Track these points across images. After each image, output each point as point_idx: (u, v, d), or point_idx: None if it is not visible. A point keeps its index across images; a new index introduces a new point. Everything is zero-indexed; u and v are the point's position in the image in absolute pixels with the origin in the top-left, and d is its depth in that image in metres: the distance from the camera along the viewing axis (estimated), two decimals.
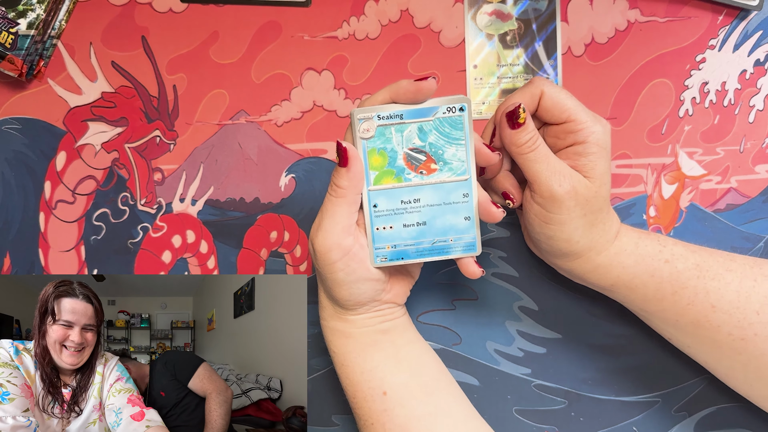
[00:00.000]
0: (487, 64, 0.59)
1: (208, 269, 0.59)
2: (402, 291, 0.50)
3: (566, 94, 0.46)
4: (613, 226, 0.47)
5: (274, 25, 0.60)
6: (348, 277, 0.45)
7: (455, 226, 0.47)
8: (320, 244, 0.44)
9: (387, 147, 0.45)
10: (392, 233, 0.47)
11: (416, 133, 0.45)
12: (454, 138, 0.46)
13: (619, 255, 0.47)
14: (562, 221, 0.45)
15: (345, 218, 0.44)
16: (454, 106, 0.45)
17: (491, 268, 0.58)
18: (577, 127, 0.45)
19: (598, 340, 0.58)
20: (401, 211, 0.47)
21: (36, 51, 0.58)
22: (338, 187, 0.44)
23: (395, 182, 0.46)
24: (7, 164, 0.60)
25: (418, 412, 0.47)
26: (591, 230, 0.46)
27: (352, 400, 0.49)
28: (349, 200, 0.44)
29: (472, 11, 0.59)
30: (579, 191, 0.44)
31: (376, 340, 0.49)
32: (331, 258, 0.45)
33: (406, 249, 0.47)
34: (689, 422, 0.57)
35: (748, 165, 0.58)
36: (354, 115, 0.44)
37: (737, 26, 0.59)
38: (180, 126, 0.60)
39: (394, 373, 0.48)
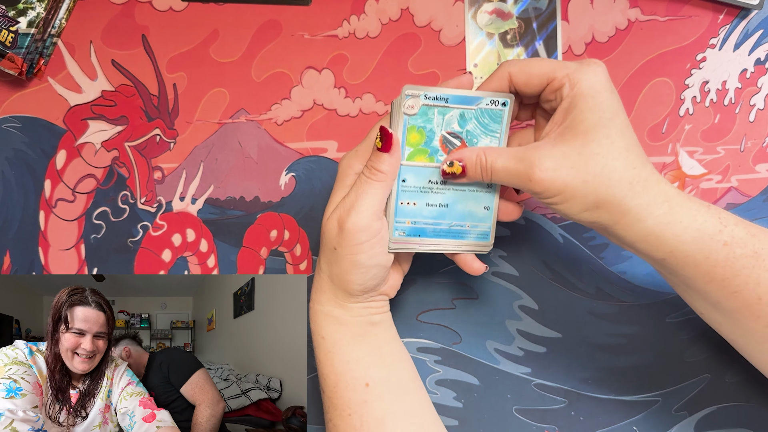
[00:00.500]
0: (487, 63, 0.59)
1: (208, 268, 0.59)
2: (395, 283, 0.51)
3: (535, 61, 0.45)
4: (651, 187, 0.43)
5: (274, 23, 0.60)
6: (369, 261, 0.46)
7: (474, 213, 0.49)
8: (354, 223, 0.44)
9: (426, 126, 0.47)
10: (414, 210, 0.49)
11: (457, 118, 0.47)
12: (491, 130, 0.48)
13: (673, 226, 0.43)
14: (560, 210, 0.44)
15: (379, 202, 0.45)
16: (497, 99, 0.47)
17: (492, 267, 0.58)
18: (557, 84, 0.44)
19: (598, 339, 0.58)
20: (426, 190, 0.49)
21: (36, 49, 0.58)
22: (378, 171, 0.45)
23: (427, 161, 0.48)
24: (7, 163, 0.60)
25: (395, 408, 0.48)
26: (601, 208, 0.43)
27: (333, 389, 0.48)
28: (386, 184, 0.45)
29: (473, 10, 0.59)
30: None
31: (366, 332, 0.49)
32: (360, 238, 0.45)
33: (425, 227, 0.49)
34: (689, 422, 0.57)
35: (749, 164, 0.58)
36: (404, 90, 0.46)
37: (738, 25, 0.59)
38: (180, 125, 0.60)
39: (377, 367, 0.48)
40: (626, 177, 0.42)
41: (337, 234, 0.46)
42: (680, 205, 0.43)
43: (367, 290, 0.48)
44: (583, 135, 0.42)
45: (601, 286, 0.58)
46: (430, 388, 0.58)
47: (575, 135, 0.43)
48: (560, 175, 0.42)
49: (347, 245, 0.45)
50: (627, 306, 0.57)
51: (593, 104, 0.42)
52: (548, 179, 0.43)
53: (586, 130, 0.42)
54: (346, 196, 0.46)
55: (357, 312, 0.49)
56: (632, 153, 0.43)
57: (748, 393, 0.57)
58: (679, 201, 0.43)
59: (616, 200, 0.42)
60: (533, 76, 0.45)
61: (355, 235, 0.45)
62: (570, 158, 0.42)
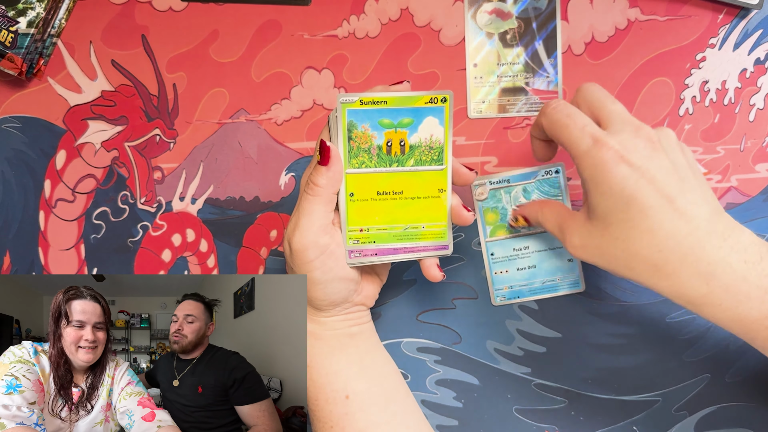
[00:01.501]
0: (487, 62, 0.59)
1: (208, 268, 0.59)
2: (371, 293, 0.51)
3: (561, 125, 0.42)
4: (686, 268, 0.40)
5: (274, 23, 0.60)
6: (324, 276, 0.45)
7: (561, 267, 0.56)
8: (298, 242, 0.44)
9: (498, 206, 0.56)
10: (508, 276, 0.56)
11: (521, 192, 0.56)
12: (553, 195, 0.55)
13: (712, 308, 0.40)
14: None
15: (322, 217, 0.45)
16: (550, 169, 0.55)
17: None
18: (574, 162, 0.43)
19: (598, 339, 0.58)
20: (514, 257, 0.57)
21: (36, 49, 0.58)
22: (316, 185, 0.44)
23: (507, 234, 0.56)
24: (7, 163, 0.60)
25: (377, 419, 0.48)
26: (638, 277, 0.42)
27: (314, 402, 0.48)
28: (325, 199, 0.45)
29: (472, 10, 0.59)
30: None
31: (344, 344, 0.49)
32: (308, 256, 0.45)
33: (521, 289, 0.57)
34: (689, 422, 0.57)
35: (749, 164, 0.58)
36: (472, 183, 0.54)
37: (737, 25, 0.59)
38: (180, 125, 0.60)
39: (358, 379, 0.48)
40: (651, 261, 0.40)
41: (289, 254, 0.46)
42: (722, 288, 0.39)
43: (334, 304, 0.47)
44: (602, 219, 0.41)
45: (601, 286, 0.58)
46: (430, 388, 0.58)
47: (596, 217, 0.42)
48: (588, 253, 0.43)
49: (299, 264, 0.45)
50: (627, 306, 0.57)
51: (603, 190, 0.40)
52: (578, 254, 0.44)
53: (603, 215, 0.41)
54: (291, 215, 0.46)
55: (332, 326, 0.48)
56: (659, 234, 0.40)
57: (748, 393, 0.57)
58: (724, 283, 0.39)
59: (642, 281, 0.42)
60: (559, 143, 0.44)
61: (303, 254, 0.44)
62: (595, 238, 0.42)
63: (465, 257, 0.58)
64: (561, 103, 0.44)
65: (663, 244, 0.40)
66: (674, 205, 0.40)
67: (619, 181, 0.40)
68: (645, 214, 0.40)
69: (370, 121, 0.46)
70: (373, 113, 0.45)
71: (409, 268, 0.58)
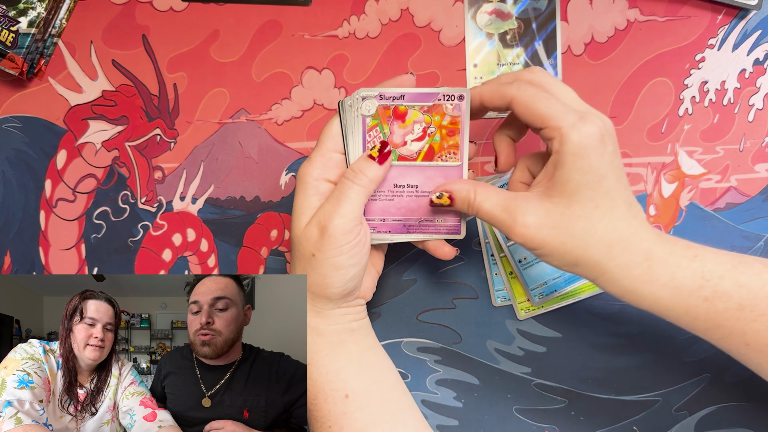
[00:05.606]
0: (487, 63, 0.59)
1: (209, 268, 0.59)
2: (370, 285, 0.51)
3: (541, 97, 0.43)
4: (632, 247, 0.42)
5: (274, 23, 0.60)
6: (349, 261, 0.46)
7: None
8: (338, 226, 0.45)
9: None
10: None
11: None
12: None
13: (651, 284, 0.42)
14: (540, 257, 0.45)
15: (360, 207, 0.46)
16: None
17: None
18: (549, 134, 0.42)
19: (598, 339, 0.58)
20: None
21: (37, 49, 0.58)
22: (365, 175, 0.46)
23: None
24: (7, 163, 0.60)
25: (375, 418, 0.48)
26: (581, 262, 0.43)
27: (313, 401, 0.48)
28: (367, 191, 0.46)
29: (472, 10, 0.59)
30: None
31: (343, 340, 0.49)
32: (343, 241, 0.45)
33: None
34: (689, 421, 0.57)
35: (748, 164, 0.58)
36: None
37: (736, 25, 0.59)
38: (180, 124, 0.60)
39: (357, 377, 0.48)
40: (606, 239, 0.42)
41: (318, 240, 0.45)
42: (660, 263, 0.42)
43: (346, 292, 0.47)
44: (569, 196, 0.42)
45: None
46: (430, 387, 0.58)
47: (561, 194, 0.42)
48: (540, 233, 0.42)
49: (328, 249, 0.45)
50: (627, 306, 0.57)
51: (580, 165, 0.41)
52: (529, 234, 0.43)
53: (572, 191, 0.42)
54: (325, 202, 0.46)
55: (335, 320, 0.49)
56: (617, 213, 0.42)
57: (748, 393, 0.57)
58: (660, 258, 0.42)
59: (593, 261, 0.43)
60: (531, 114, 0.43)
61: (339, 238, 0.45)
62: (552, 217, 0.42)
63: (465, 257, 0.58)
64: (537, 70, 0.45)
65: (619, 221, 0.42)
66: (628, 191, 0.43)
67: (598, 156, 0.41)
68: (609, 194, 0.42)
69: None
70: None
71: (409, 268, 0.59)
